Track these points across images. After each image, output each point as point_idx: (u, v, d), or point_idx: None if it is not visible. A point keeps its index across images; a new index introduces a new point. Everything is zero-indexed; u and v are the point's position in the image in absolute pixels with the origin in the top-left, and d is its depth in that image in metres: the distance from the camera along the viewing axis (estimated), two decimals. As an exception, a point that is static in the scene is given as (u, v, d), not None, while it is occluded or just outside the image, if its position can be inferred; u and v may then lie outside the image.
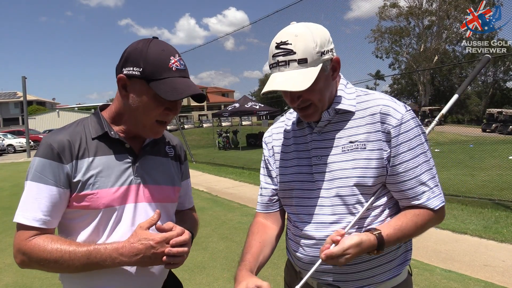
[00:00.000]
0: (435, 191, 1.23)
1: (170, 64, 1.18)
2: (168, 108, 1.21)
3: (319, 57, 1.15)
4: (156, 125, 1.24)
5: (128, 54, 1.20)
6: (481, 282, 3.63)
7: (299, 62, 1.14)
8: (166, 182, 1.34)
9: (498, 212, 5.93)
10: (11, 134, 32.31)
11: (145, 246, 1.11)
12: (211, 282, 3.92)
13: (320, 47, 1.15)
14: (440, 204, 1.24)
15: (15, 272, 4.36)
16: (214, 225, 5.96)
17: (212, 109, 52.50)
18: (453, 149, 14.20)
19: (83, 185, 1.18)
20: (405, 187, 1.22)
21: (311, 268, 1.25)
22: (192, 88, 1.19)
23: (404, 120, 1.21)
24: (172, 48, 1.21)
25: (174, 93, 1.15)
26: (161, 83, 1.16)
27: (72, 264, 1.12)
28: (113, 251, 1.12)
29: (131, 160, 1.27)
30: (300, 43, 1.13)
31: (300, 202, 1.33)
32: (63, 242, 1.14)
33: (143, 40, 1.22)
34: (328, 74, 1.22)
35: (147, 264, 1.15)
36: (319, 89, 1.19)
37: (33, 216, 1.14)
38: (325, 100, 1.24)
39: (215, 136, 23.73)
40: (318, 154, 1.29)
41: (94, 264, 1.12)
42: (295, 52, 1.13)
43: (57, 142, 1.18)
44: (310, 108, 1.23)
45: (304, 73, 1.13)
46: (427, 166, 1.23)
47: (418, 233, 1.24)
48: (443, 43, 37.03)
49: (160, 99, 1.17)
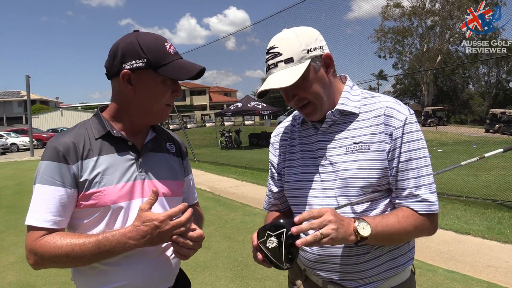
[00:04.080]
0: (428, 196, 1.21)
1: (168, 49, 1.25)
2: (174, 91, 1.29)
3: (305, 55, 1.21)
4: (166, 108, 1.31)
5: (123, 50, 1.23)
6: (484, 282, 3.62)
7: (285, 61, 1.21)
8: (170, 177, 1.37)
9: (501, 212, 5.92)
10: (14, 133, 32.46)
11: (150, 227, 1.13)
12: (214, 281, 3.93)
13: (306, 45, 1.22)
14: (428, 210, 1.20)
15: (18, 271, 4.39)
16: (217, 224, 5.97)
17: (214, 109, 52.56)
18: (456, 149, 14.15)
19: (89, 183, 1.20)
20: (401, 186, 1.22)
21: (316, 266, 1.28)
22: (195, 65, 1.28)
23: (407, 122, 1.22)
24: (161, 35, 1.29)
25: (185, 72, 1.24)
26: (168, 67, 1.23)
27: (84, 255, 1.13)
28: (122, 237, 1.14)
29: (134, 157, 1.30)
30: (285, 45, 1.22)
31: (306, 201, 1.34)
32: (72, 236, 1.16)
33: (128, 35, 1.27)
34: (321, 71, 1.25)
35: (157, 243, 1.17)
36: (311, 86, 1.23)
37: (43, 217, 1.17)
38: (323, 98, 1.26)
39: (218, 135, 23.74)
40: (324, 155, 1.30)
41: (105, 252, 1.14)
42: (281, 53, 1.22)
43: (62, 144, 1.21)
44: (308, 106, 1.27)
45: (291, 70, 1.20)
46: (426, 171, 1.22)
47: (402, 233, 1.20)
48: (446, 43, 36.91)
49: (168, 83, 1.26)
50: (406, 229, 1.20)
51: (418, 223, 1.21)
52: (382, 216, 1.20)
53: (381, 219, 1.18)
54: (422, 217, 1.21)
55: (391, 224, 1.18)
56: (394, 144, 1.22)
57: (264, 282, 3.82)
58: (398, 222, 1.19)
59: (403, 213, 1.21)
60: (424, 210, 1.20)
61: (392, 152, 1.22)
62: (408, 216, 1.20)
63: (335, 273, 1.28)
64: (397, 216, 1.20)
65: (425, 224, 1.22)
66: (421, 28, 37.84)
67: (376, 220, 1.17)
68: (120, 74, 1.23)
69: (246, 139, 22.93)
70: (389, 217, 1.19)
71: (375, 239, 1.15)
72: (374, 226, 1.15)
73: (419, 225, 1.21)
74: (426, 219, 1.22)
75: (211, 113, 45.40)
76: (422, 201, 1.21)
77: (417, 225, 1.21)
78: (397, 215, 1.20)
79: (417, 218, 1.21)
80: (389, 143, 1.22)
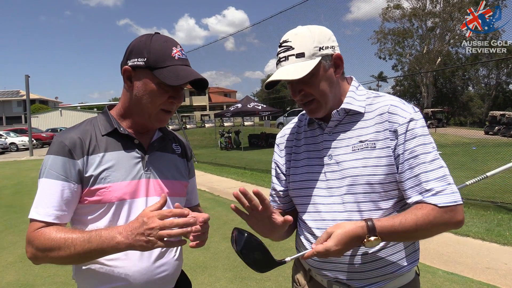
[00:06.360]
0: (444, 188, 1.16)
1: (173, 53, 1.25)
2: (172, 97, 1.27)
3: (316, 51, 1.23)
4: (161, 113, 1.28)
5: (132, 47, 1.26)
6: (483, 284, 3.62)
7: (297, 56, 1.23)
8: (175, 177, 1.38)
9: (500, 214, 5.92)
10: (13, 132, 32.42)
11: (138, 222, 1.07)
12: (213, 282, 3.92)
13: (318, 43, 1.24)
14: (447, 202, 1.14)
15: (17, 270, 4.38)
16: (216, 225, 5.96)
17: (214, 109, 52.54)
18: (456, 151, 14.14)
19: (95, 179, 1.21)
20: (414, 183, 1.19)
21: (321, 266, 1.28)
22: (194, 73, 1.26)
23: (412, 119, 1.22)
24: (175, 40, 1.29)
25: (177, 78, 1.21)
26: (164, 70, 1.22)
27: (75, 250, 1.10)
28: (113, 230, 1.11)
29: (140, 155, 1.30)
30: (298, 40, 1.24)
31: (311, 200, 1.35)
32: (67, 230, 1.16)
33: (147, 34, 1.29)
34: (330, 71, 1.27)
35: (146, 245, 1.06)
36: (319, 84, 1.25)
37: (45, 211, 1.17)
38: (328, 97, 1.27)
39: (217, 136, 23.71)
40: (329, 154, 1.31)
41: (95, 248, 1.09)
42: (294, 47, 1.24)
43: (68, 139, 1.21)
44: (313, 103, 1.28)
45: (301, 65, 1.22)
46: (437, 164, 1.18)
47: (422, 230, 1.15)
48: (446, 45, 36.94)
49: (164, 87, 1.23)
50: (426, 226, 1.14)
51: (439, 218, 1.15)
52: (398, 218, 1.16)
53: (397, 220, 1.15)
54: (443, 210, 1.14)
55: (408, 225, 1.14)
56: (400, 141, 1.21)
57: (264, 283, 3.81)
58: (415, 221, 1.14)
59: (422, 210, 1.15)
60: (443, 203, 1.14)
61: (398, 148, 1.21)
62: (428, 212, 1.14)
63: (341, 272, 1.29)
64: (415, 215, 1.15)
65: (448, 217, 1.15)
66: (421, 29, 37.92)
67: (391, 221, 1.15)
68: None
69: (246, 140, 22.92)
70: (406, 216, 1.15)
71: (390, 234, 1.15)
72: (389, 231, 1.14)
73: (440, 219, 1.15)
74: (448, 211, 1.15)
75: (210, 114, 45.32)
76: (438, 193, 1.15)
77: (439, 219, 1.15)
78: (415, 213, 1.15)
79: (438, 213, 1.14)
80: (394, 140, 1.22)
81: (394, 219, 1.16)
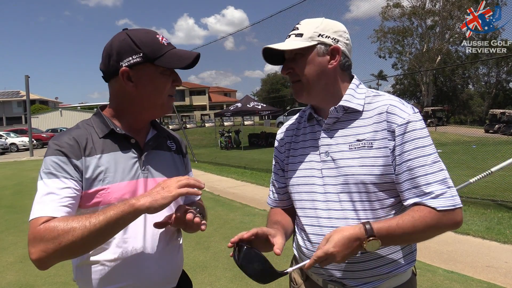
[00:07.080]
0: (443, 191, 1.15)
1: (161, 41, 1.27)
2: (175, 80, 1.31)
3: (314, 36, 1.27)
4: (170, 99, 1.33)
5: (118, 48, 1.24)
6: (483, 283, 3.62)
7: (296, 35, 1.30)
8: (172, 174, 1.36)
9: (500, 213, 5.92)
10: (14, 132, 32.44)
11: (155, 188, 1.15)
12: (213, 281, 3.92)
13: (321, 30, 1.28)
14: (446, 206, 1.14)
15: (17, 271, 4.38)
16: (216, 224, 5.96)
17: (214, 109, 52.50)
18: (456, 149, 14.14)
19: (93, 181, 1.19)
20: (412, 185, 1.18)
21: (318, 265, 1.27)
22: (189, 52, 1.31)
23: (411, 120, 1.20)
24: (150, 29, 1.30)
25: (181, 60, 1.26)
26: (165, 57, 1.24)
27: (89, 223, 1.06)
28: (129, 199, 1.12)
29: (137, 155, 1.30)
30: (305, 25, 1.31)
31: (308, 197, 1.35)
32: (75, 217, 1.10)
33: (119, 34, 1.28)
34: (324, 58, 1.28)
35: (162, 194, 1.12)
36: (307, 66, 1.28)
37: (49, 207, 1.11)
38: (314, 83, 1.30)
39: (217, 135, 23.71)
40: (326, 151, 1.31)
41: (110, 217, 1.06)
42: (298, 29, 1.31)
43: (64, 141, 1.20)
44: (298, 84, 1.32)
45: (294, 43, 1.28)
46: (437, 167, 1.18)
47: (419, 232, 1.15)
48: (446, 44, 36.92)
49: (166, 74, 1.27)
50: (423, 228, 1.14)
51: (436, 220, 1.14)
52: (394, 220, 1.16)
53: (393, 222, 1.15)
54: (441, 213, 1.14)
55: (405, 227, 1.14)
56: (397, 141, 1.20)
57: (264, 282, 3.81)
58: (413, 223, 1.14)
59: (420, 212, 1.15)
60: (442, 206, 1.14)
61: (396, 149, 1.20)
62: (425, 215, 1.14)
63: (336, 271, 1.29)
64: (413, 217, 1.15)
65: (446, 220, 1.15)
66: (421, 28, 37.90)
67: (388, 223, 1.15)
68: (118, 73, 1.23)
69: (246, 139, 22.92)
70: (403, 219, 1.15)
71: (388, 236, 1.14)
72: (386, 232, 1.13)
73: (438, 222, 1.15)
74: (447, 214, 1.15)
75: (210, 113, 45.23)
76: (437, 197, 1.15)
77: (436, 222, 1.14)
78: (413, 215, 1.15)
79: (435, 215, 1.14)
80: (392, 140, 1.21)
81: (391, 221, 1.16)
